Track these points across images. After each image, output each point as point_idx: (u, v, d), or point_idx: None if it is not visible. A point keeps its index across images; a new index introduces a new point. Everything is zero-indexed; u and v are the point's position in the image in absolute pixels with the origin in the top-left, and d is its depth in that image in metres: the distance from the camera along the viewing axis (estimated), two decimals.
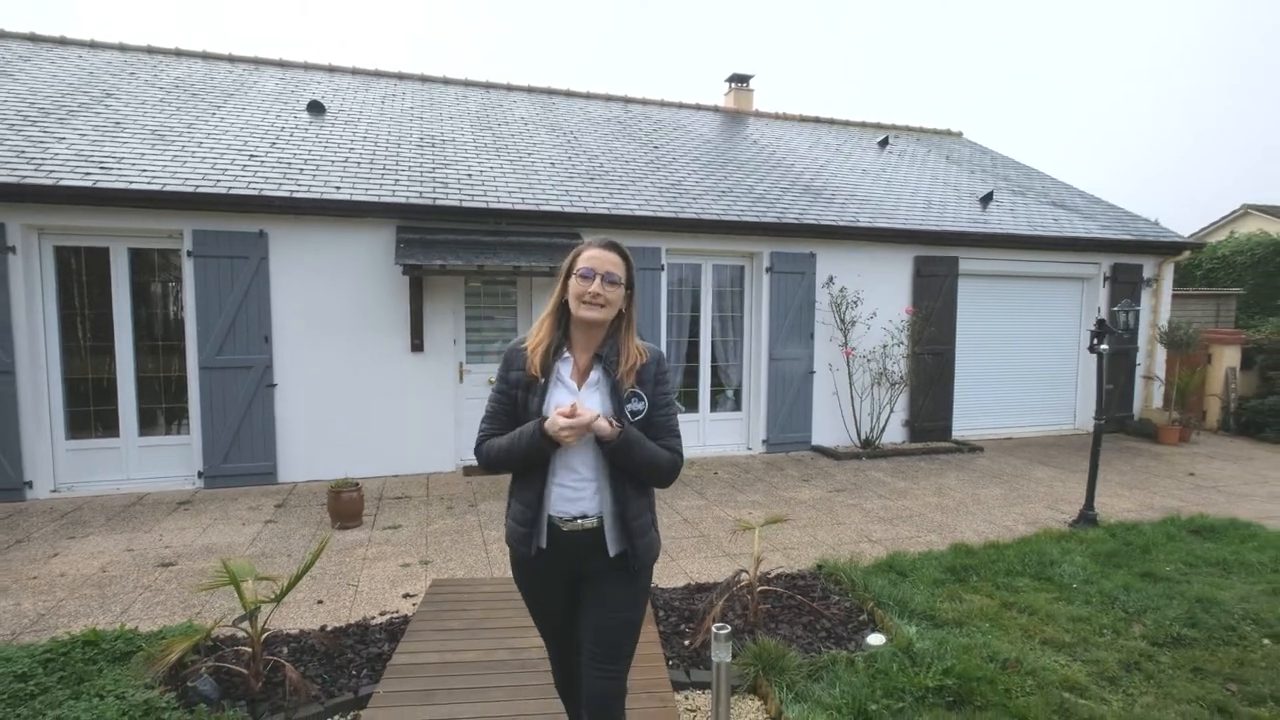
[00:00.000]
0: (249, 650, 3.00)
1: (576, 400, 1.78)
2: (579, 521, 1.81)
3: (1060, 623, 3.55)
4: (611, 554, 1.82)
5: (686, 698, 2.93)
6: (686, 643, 3.36)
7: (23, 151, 5.95)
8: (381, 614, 3.72)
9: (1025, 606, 3.74)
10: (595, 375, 1.86)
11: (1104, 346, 5.24)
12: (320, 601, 3.90)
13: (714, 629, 2.65)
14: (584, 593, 1.90)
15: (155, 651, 2.92)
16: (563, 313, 1.89)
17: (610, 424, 1.75)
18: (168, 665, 2.71)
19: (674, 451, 1.88)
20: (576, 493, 1.82)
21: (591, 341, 1.88)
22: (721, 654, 2.63)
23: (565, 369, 1.86)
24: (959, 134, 13.46)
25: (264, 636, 3.01)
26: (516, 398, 1.86)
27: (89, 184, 5.66)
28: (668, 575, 4.31)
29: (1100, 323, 5.23)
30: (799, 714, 2.66)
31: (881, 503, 6.05)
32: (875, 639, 3.30)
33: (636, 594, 1.90)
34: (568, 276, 1.86)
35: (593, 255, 1.83)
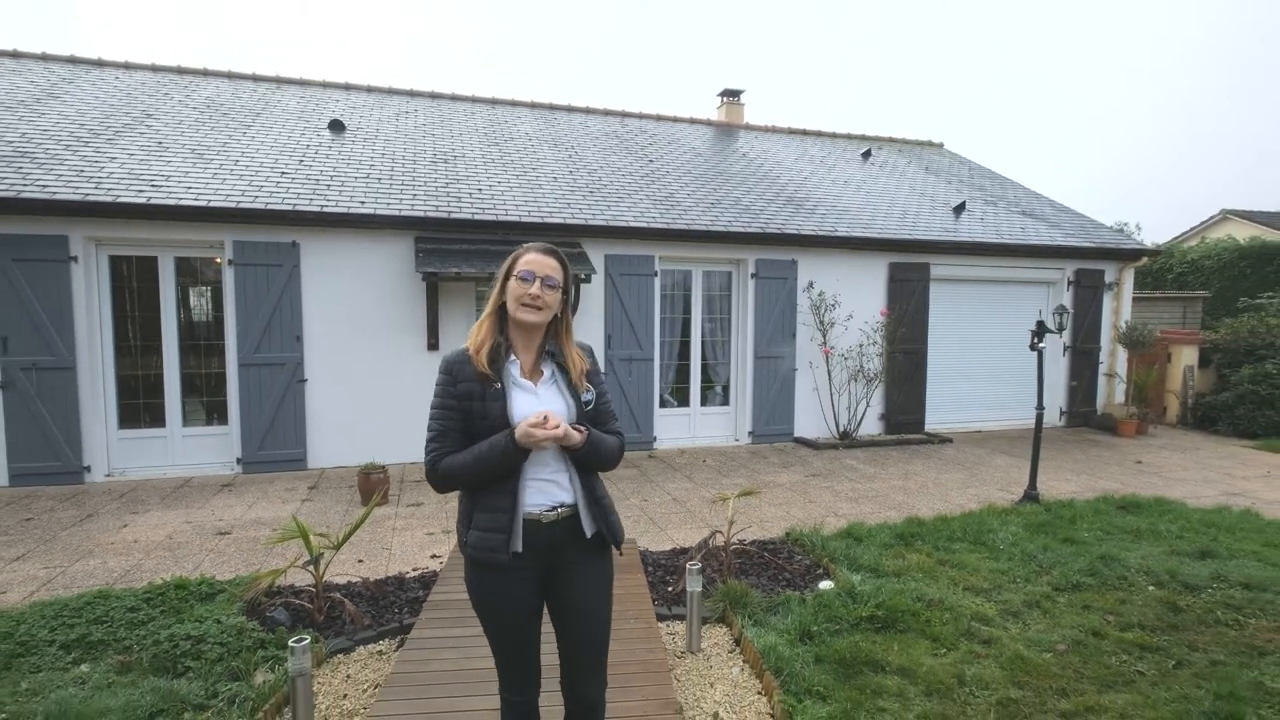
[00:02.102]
0: (311, 591, 3.70)
1: (544, 409, 1.81)
2: (558, 510, 1.86)
3: (983, 574, 4.24)
4: (588, 535, 1.89)
5: (668, 626, 3.62)
6: (669, 588, 4.05)
7: (82, 170, 6.64)
8: (414, 570, 4.41)
9: (957, 563, 4.43)
10: (549, 372, 1.92)
11: (1043, 345, 5.92)
12: (360, 561, 4.59)
13: (688, 565, 3.37)
14: (556, 593, 1.92)
15: (240, 589, 3.62)
16: (501, 315, 1.92)
17: (579, 432, 1.83)
18: (261, 591, 3.41)
19: (619, 434, 2.00)
20: (553, 484, 1.87)
21: (531, 342, 1.93)
22: (694, 585, 3.35)
23: (515, 370, 1.89)
24: (940, 145, 14.16)
25: (323, 580, 3.70)
26: (471, 409, 1.83)
27: (143, 200, 6.35)
28: (656, 542, 5.00)
29: (1040, 324, 5.92)
30: (755, 634, 3.35)
31: (851, 485, 6.75)
32: (825, 584, 3.99)
33: (608, 577, 1.98)
34: (506, 279, 1.89)
35: (532, 259, 1.87)
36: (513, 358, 1.90)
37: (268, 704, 2.76)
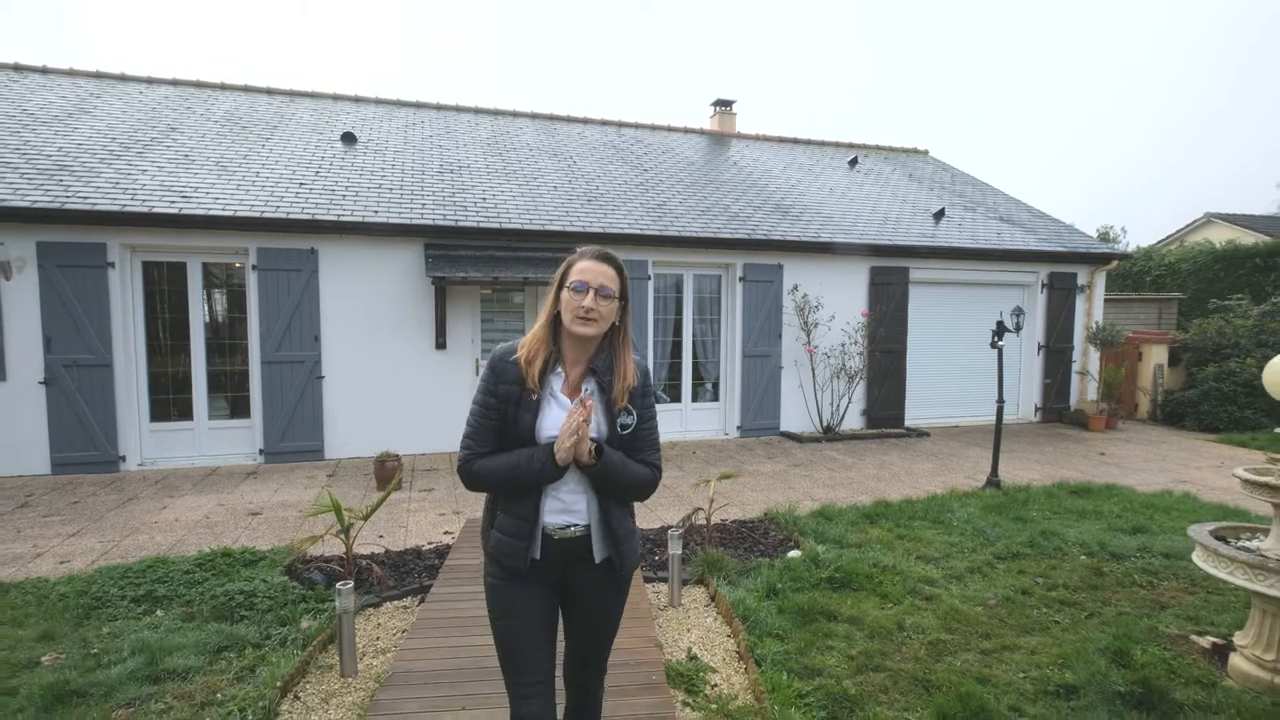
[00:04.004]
0: (341, 558, 4.23)
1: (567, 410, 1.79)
2: (569, 530, 1.84)
3: (935, 546, 4.77)
4: (596, 560, 1.85)
5: (653, 587, 4.15)
6: (656, 558, 4.58)
7: (117, 183, 7.17)
8: (429, 543, 4.94)
9: (915, 537, 4.97)
10: (587, 389, 1.85)
11: (1002, 343, 6.46)
12: (381, 536, 5.11)
13: (670, 532, 3.90)
14: (568, 601, 1.95)
15: (280, 556, 4.15)
16: (555, 324, 1.86)
17: (590, 453, 1.76)
18: (301, 555, 3.95)
19: (654, 467, 1.90)
20: (568, 505, 1.84)
21: (583, 354, 1.86)
22: (675, 548, 3.88)
23: (557, 383, 1.84)
24: (925, 152, 14.70)
25: (352, 549, 4.22)
26: (505, 412, 1.81)
27: (175, 211, 6.88)
28: (645, 521, 5.52)
29: (999, 324, 6.45)
30: (728, 591, 3.88)
31: (829, 474, 7.28)
32: (793, 553, 4.52)
33: (618, 598, 1.97)
34: (560, 288, 1.83)
35: (585, 268, 1.80)
36: (559, 370, 1.85)
37: (315, 641, 3.29)
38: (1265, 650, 3.01)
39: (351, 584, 3.05)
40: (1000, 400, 6.60)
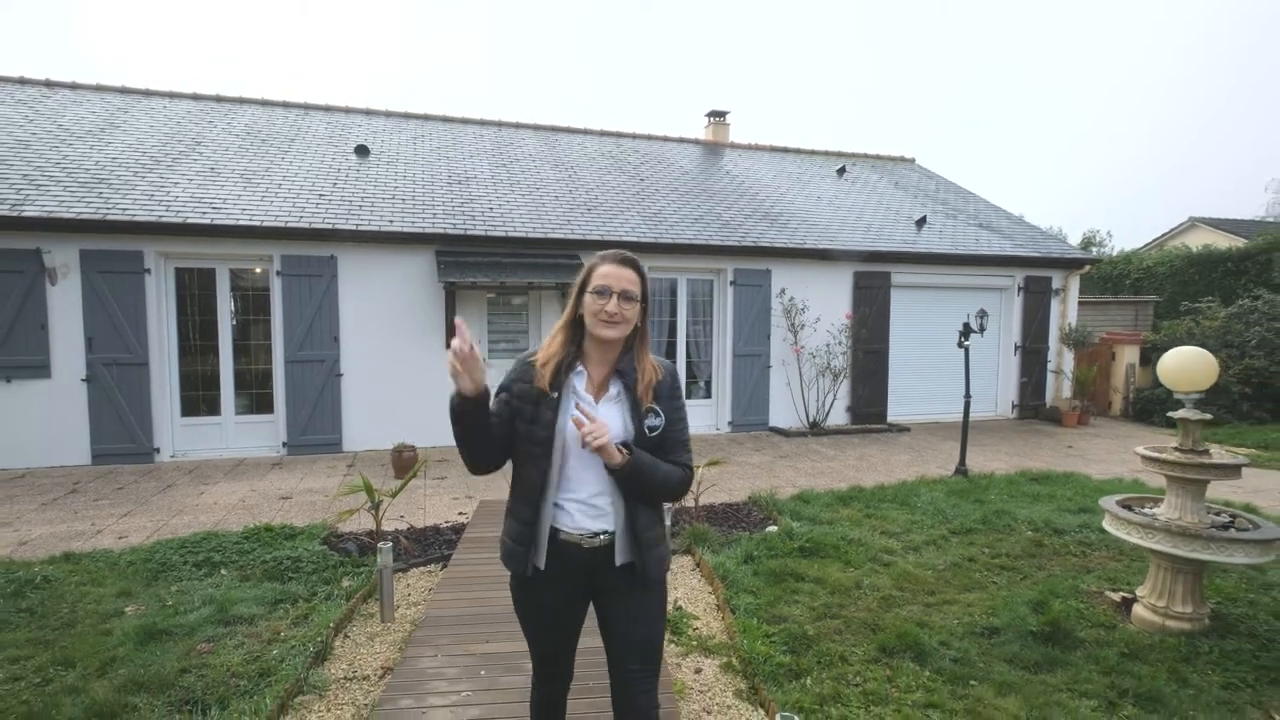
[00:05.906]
0: (371, 532, 4.79)
1: (587, 411, 1.77)
2: (599, 537, 1.82)
3: (899, 523, 5.34)
4: (617, 564, 1.82)
5: None
6: None
7: (152, 195, 7.75)
8: (446, 522, 5.50)
9: (881, 516, 5.54)
10: (614, 390, 1.86)
11: (968, 343, 7.03)
12: (402, 516, 5.67)
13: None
14: (602, 610, 1.91)
15: (316, 530, 4.72)
16: (576, 327, 1.87)
17: (620, 452, 1.73)
18: (336, 527, 4.50)
19: (686, 467, 1.89)
20: (598, 509, 1.82)
21: (607, 356, 1.87)
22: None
23: (579, 383, 1.84)
24: (911, 160, 15.30)
25: (380, 524, 4.79)
26: (522, 410, 1.82)
27: (207, 221, 7.45)
28: None
29: (965, 325, 7.02)
30: (711, 559, 4.45)
31: (812, 464, 7.85)
32: (771, 528, 5.09)
33: (653, 605, 1.90)
34: (582, 292, 1.84)
35: (608, 272, 1.81)
36: (580, 369, 1.87)
37: (357, 595, 3.86)
38: (1159, 599, 3.59)
39: (390, 544, 3.61)
40: (967, 396, 7.18)
